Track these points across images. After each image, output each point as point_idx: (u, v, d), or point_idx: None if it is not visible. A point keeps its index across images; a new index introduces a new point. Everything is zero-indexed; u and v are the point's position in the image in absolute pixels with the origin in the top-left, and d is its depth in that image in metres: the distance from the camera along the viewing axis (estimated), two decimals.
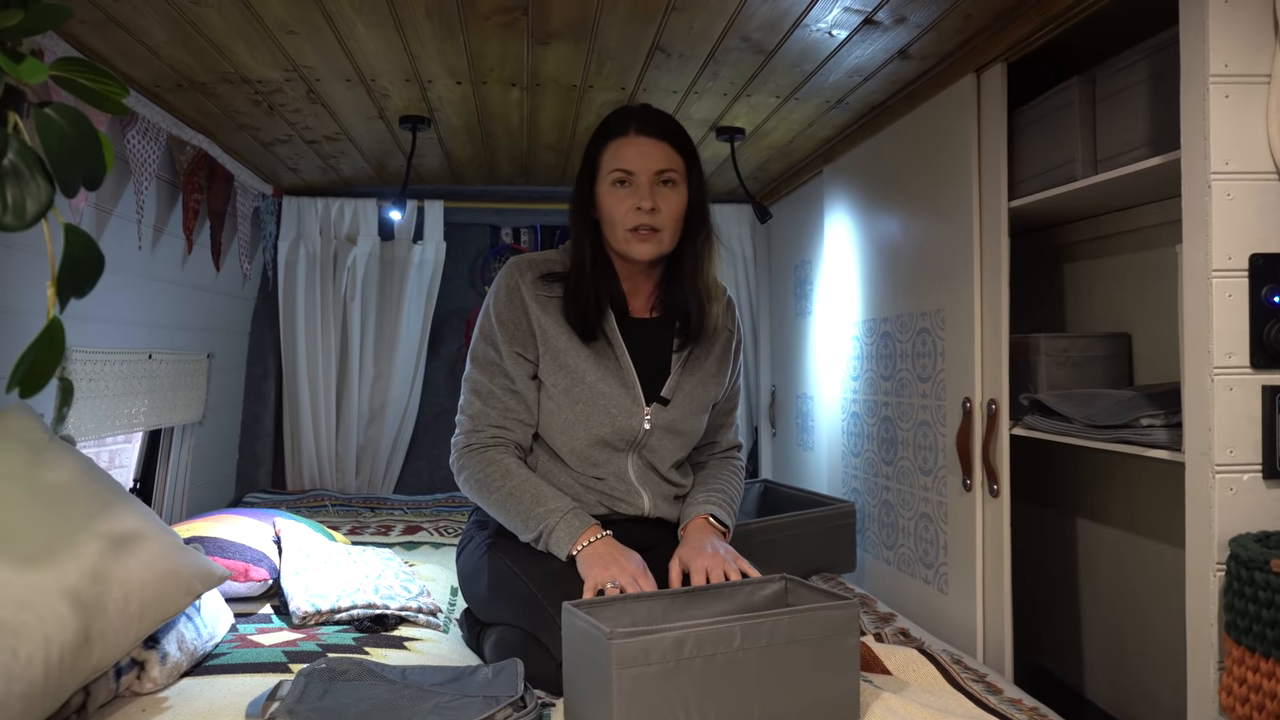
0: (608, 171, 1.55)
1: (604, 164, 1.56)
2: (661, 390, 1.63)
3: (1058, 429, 1.51)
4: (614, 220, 1.55)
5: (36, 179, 0.88)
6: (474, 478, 1.59)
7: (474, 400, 1.62)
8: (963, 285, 1.77)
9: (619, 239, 1.56)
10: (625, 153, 1.54)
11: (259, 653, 1.55)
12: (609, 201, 1.55)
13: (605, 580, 1.42)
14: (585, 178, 1.60)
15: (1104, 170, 1.45)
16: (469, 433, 1.63)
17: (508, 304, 1.60)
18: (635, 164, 1.54)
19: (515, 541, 1.71)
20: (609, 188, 1.55)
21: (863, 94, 2.03)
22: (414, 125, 2.28)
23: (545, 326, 1.60)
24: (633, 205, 1.54)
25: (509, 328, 1.59)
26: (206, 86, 1.97)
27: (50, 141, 0.89)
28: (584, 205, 1.59)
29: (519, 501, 1.53)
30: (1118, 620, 1.89)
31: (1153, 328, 1.72)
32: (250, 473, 3.12)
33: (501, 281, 1.64)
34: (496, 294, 1.63)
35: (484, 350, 1.62)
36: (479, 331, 1.64)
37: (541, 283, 1.61)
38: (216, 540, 1.92)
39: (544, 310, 1.60)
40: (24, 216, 0.86)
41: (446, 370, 3.40)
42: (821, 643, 1.24)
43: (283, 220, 3.04)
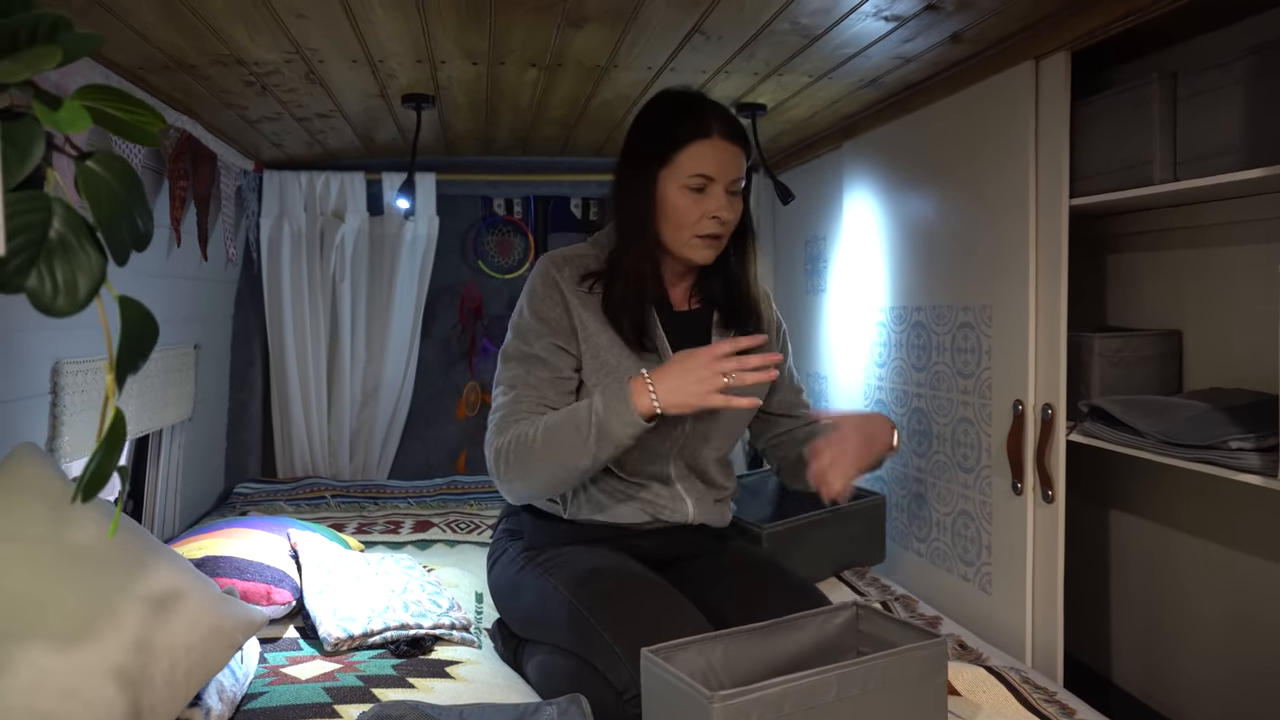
0: (688, 174, 1.44)
1: (683, 164, 1.45)
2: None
3: (1127, 441, 1.47)
4: (683, 223, 1.46)
5: (87, 250, 0.75)
6: (510, 453, 1.44)
7: (508, 393, 1.52)
8: (1014, 283, 1.71)
9: (682, 241, 1.48)
10: (709, 157, 1.44)
11: (299, 691, 1.47)
12: (682, 203, 1.45)
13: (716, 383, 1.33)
14: (649, 172, 1.47)
15: (1185, 174, 1.39)
16: (500, 422, 1.49)
17: (546, 300, 1.51)
18: (717, 170, 1.45)
19: (555, 556, 1.64)
20: (683, 190, 1.45)
21: (901, 75, 1.93)
22: (418, 104, 2.12)
23: (587, 324, 1.51)
24: (708, 212, 1.45)
25: (549, 323, 1.50)
26: (196, 69, 1.79)
27: (98, 202, 0.76)
28: (646, 202, 1.47)
29: (557, 429, 1.39)
30: (1151, 610, 1.89)
31: (1205, 327, 1.68)
32: (239, 462, 3.00)
33: (537, 279, 1.54)
34: (533, 292, 1.53)
35: (518, 347, 1.52)
36: (513, 330, 1.54)
37: (580, 279, 1.52)
38: (233, 560, 1.81)
39: (584, 307, 1.51)
40: (77, 297, 0.74)
41: (440, 349, 3.28)
42: (913, 683, 1.20)
43: (264, 196, 2.86)
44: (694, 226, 1.46)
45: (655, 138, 1.48)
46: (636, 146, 1.52)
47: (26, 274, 0.72)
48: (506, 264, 3.25)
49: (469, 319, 3.23)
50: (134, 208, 0.81)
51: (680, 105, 1.49)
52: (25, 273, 0.72)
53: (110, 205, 0.78)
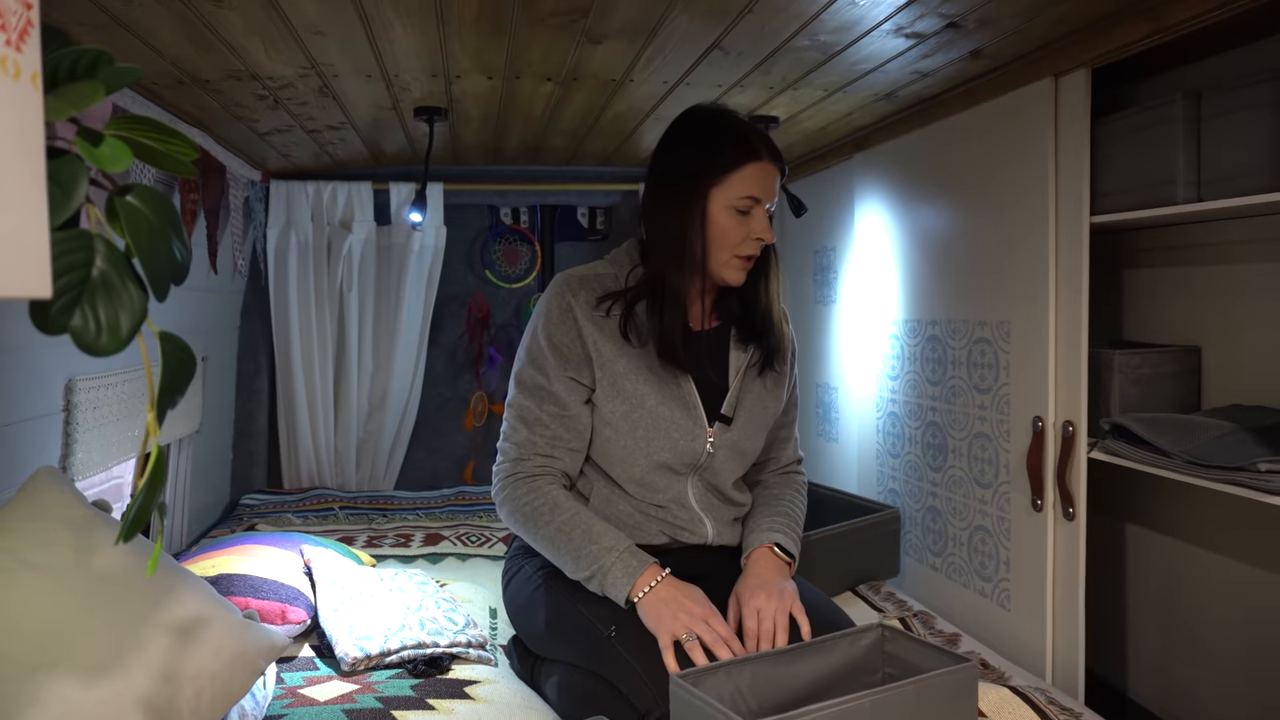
0: (738, 195, 1.43)
1: (734, 185, 1.43)
2: (721, 407, 1.55)
3: (1151, 460, 1.46)
4: (726, 244, 1.45)
5: (129, 287, 0.74)
6: (520, 510, 1.49)
7: (519, 428, 1.51)
8: (1034, 299, 1.71)
9: (722, 262, 1.47)
10: (757, 179, 1.43)
11: (318, 714, 1.46)
12: (726, 224, 1.44)
13: (680, 632, 1.34)
14: (698, 190, 1.44)
15: (1209, 194, 1.38)
16: (514, 461, 1.52)
17: (560, 327, 1.49)
18: (764, 193, 1.44)
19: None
20: (729, 210, 1.44)
21: (916, 89, 1.93)
22: (430, 117, 2.11)
23: (602, 350, 1.49)
24: (751, 234, 1.44)
25: (562, 351, 1.48)
26: (210, 84, 1.78)
27: (139, 237, 0.75)
28: (692, 220, 1.45)
29: (569, 538, 1.44)
30: (1168, 626, 1.89)
31: (1225, 343, 1.67)
32: (245, 473, 2.98)
33: (551, 302, 1.52)
34: (547, 315, 1.51)
35: (531, 375, 1.51)
36: (526, 354, 1.53)
37: (596, 303, 1.50)
38: (247, 578, 1.80)
39: (600, 332, 1.49)
40: (120, 336, 0.72)
41: (447, 359, 3.27)
42: (944, 706, 1.19)
43: (271, 206, 2.84)
44: (736, 247, 1.45)
45: (704, 156, 1.45)
46: (681, 163, 1.48)
47: (71, 314, 0.71)
48: (513, 273, 3.24)
49: (476, 328, 3.22)
50: (172, 240, 0.80)
51: (729, 126, 1.47)
52: (70, 313, 0.71)
53: (151, 240, 0.77)
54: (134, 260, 0.76)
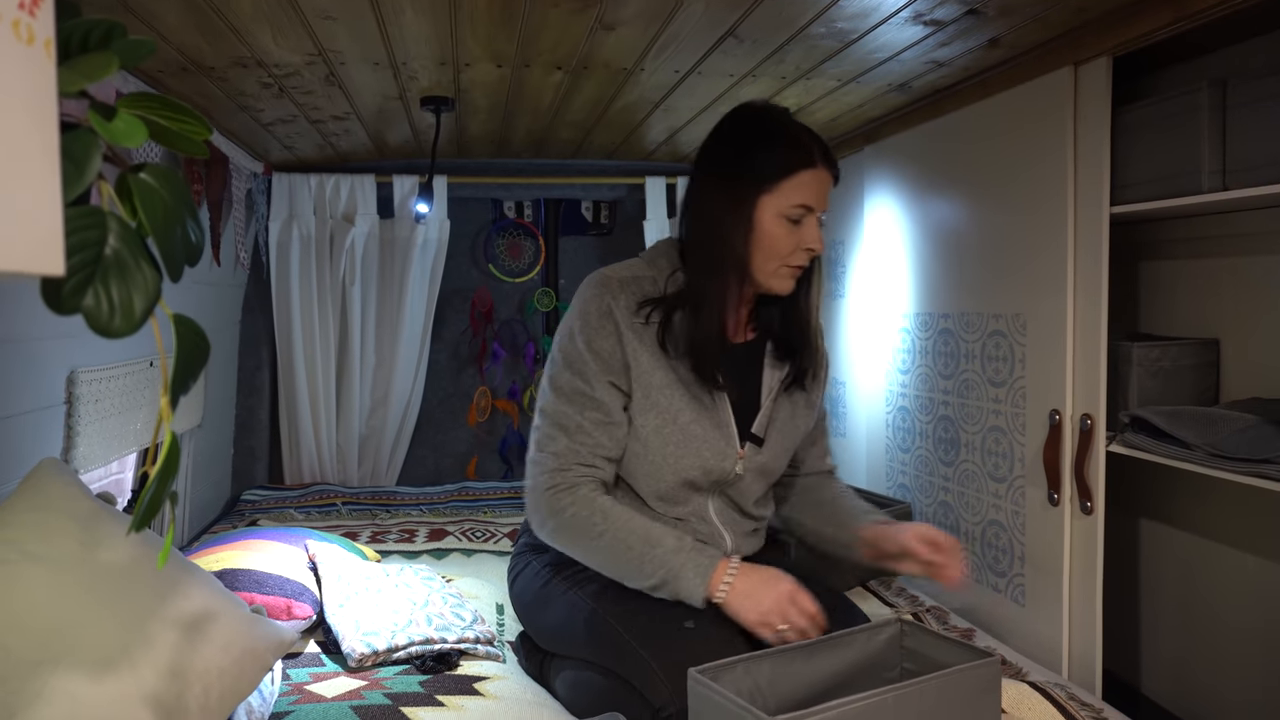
0: (791, 203, 1.37)
1: (787, 192, 1.37)
2: (752, 426, 1.50)
3: (1173, 453, 1.44)
4: (775, 254, 1.39)
5: (142, 267, 0.72)
6: (567, 524, 1.43)
7: (559, 435, 1.44)
8: (1051, 291, 1.69)
9: (770, 271, 1.40)
10: (812, 187, 1.38)
11: (326, 711, 1.43)
12: (778, 232, 1.38)
13: (775, 620, 1.31)
14: (749, 196, 1.38)
15: (1234, 183, 1.36)
16: (553, 471, 1.45)
17: (600, 331, 1.42)
18: (818, 201, 1.38)
19: (580, 568, 1.61)
20: (780, 219, 1.38)
21: (931, 79, 1.90)
22: (437, 107, 2.08)
23: (641, 360, 1.43)
24: (802, 244, 1.38)
25: (603, 358, 1.42)
26: (215, 71, 1.75)
27: (154, 216, 0.73)
28: (742, 228, 1.38)
29: (627, 546, 1.38)
30: (1184, 621, 1.87)
31: (1244, 335, 1.65)
32: (246, 469, 2.95)
33: (591, 305, 1.44)
34: (585, 318, 1.44)
35: (570, 380, 1.44)
36: (563, 358, 1.45)
37: (636, 308, 1.43)
38: (251, 573, 1.77)
39: (640, 340, 1.43)
40: (134, 317, 0.70)
41: (450, 353, 3.24)
42: (968, 702, 1.17)
43: (273, 199, 2.81)
44: (787, 257, 1.39)
45: (757, 160, 1.38)
46: (730, 166, 1.41)
47: (83, 294, 0.68)
48: (517, 267, 3.21)
49: (480, 323, 3.19)
50: (186, 220, 0.78)
51: (783, 127, 1.41)
52: (82, 293, 0.68)
53: (165, 219, 0.74)
54: (147, 240, 0.74)
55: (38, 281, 0.63)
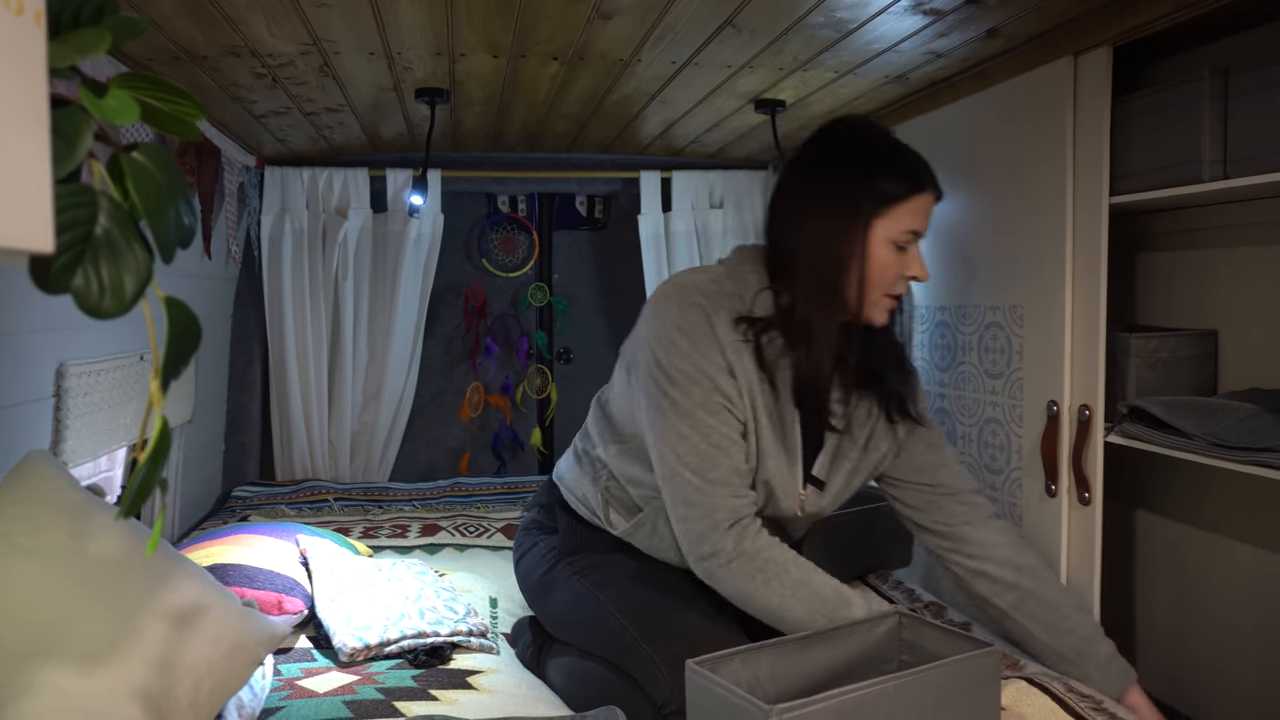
0: (902, 229, 1.32)
1: (900, 218, 1.31)
2: (813, 466, 1.43)
3: (1172, 443, 1.44)
4: (880, 282, 1.33)
5: (134, 247, 0.70)
6: (761, 566, 1.32)
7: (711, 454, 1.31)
8: (1049, 283, 1.68)
9: (872, 301, 1.34)
10: (921, 213, 1.34)
11: (318, 706, 1.42)
12: (885, 260, 1.32)
13: None
14: (862, 219, 1.31)
15: (1236, 172, 1.36)
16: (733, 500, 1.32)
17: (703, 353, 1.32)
18: (924, 227, 1.34)
19: (589, 555, 1.59)
20: (889, 245, 1.32)
21: (929, 71, 1.90)
22: (432, 98, 2.06)
23: (749, 380, 1.35)
24: (906, 272, 1.34)
25: (718, 382, 1.33)
26: (207, 60, 1.73)
27: (147, 196, 0.71)
28: (850, 256, 1.31)
29: (823, 599, 1.32)
30: (1179, 612, 1.86)
31: (1242, 326, 1.65)
32: (238, 465, 2.93)
33: (692, 324, 1.33)
34: (691, 338, 1.32)
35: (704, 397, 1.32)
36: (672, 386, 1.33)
37: (734, 325, 1.36)
38: (242, 568, 1.75)
39: (740, 359, 1.35)
40: (124, 299, 0.68)
41: (443, 349, 3.22)
42: (968, 692, 1.16)
43: (266, 193, 2.78)
44: (892, 285, 1.34)
45: (869, 182, 1.32)
46: (840, 186, 1.33)
47: (73, 273, 0.67)
48: (511, 262, 3.19)
49: (473, 318, 3.17)
50: (179, 202, 0.76)
51: (895, 149, 1.36)
52: (71, 272, 0.67)
53: (158, 200, 0.72)
54: (139, 222, 0.72)
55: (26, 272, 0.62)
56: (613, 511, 1.53)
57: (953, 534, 1.50)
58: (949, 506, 1.51)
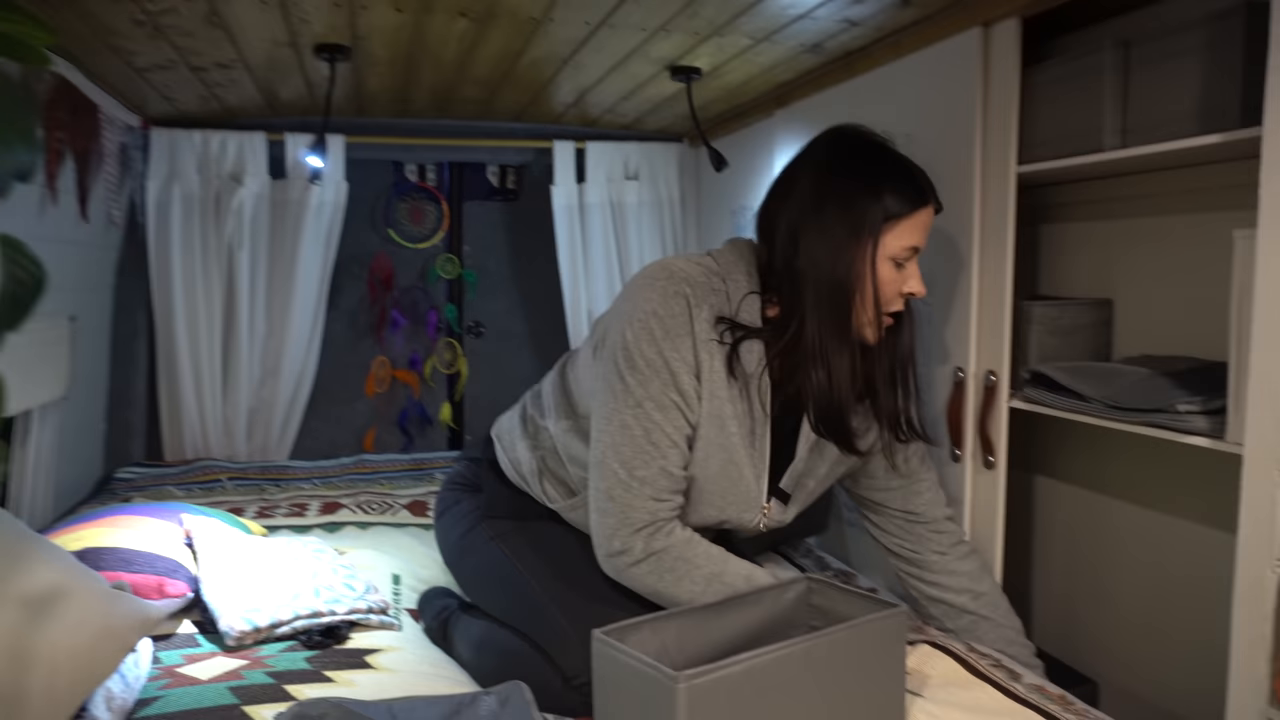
0: (904, 245, 1.29)
1: (903, 233, 1.29)
2: (781, 480, 1.41)
3: (1072, 406, 1.47)
4: (879, 300, 1.30)
5: None
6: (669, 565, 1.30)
7: (649, 451, 1.28)
8: (957, 251, 1.70)
9: (869, 319, 1.30)
10: (923, 228, 1.32)
11: (200, 693, 1.32)
12: (887, 276, 1.30)
13: None
14: (870, 233, 1.28)
15: (1134, 141, 1.38)
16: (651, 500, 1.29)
17: (674, 344, 1.28)
18: (924, 242, 1.32)
19: (511, 519, 1.54)
20: (889, 262, 1.29)
21: (843, 40, 1.89)
22: (332, 56, 1.95)
23: (714, 383, 1.31)
24: (904, 289, 1.31)
25: (679, 379, 1.29)
26: (80, 3, 1.58)
27: None
28: (860, 273, 1.28)
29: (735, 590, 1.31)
30: (1073, 572, 1.92)
31: (1136, 295, 1.70)
32: (121, 445, 2.74)
33: (668, 311, 1.28)
34: (663, 323, 1.28)
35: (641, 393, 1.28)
36: (630, 368, 1.29)
37: (715, 323, 1.31)
38: (117, 551, 1.63)
39: (711, 360, 1.31)
40: None
41: (347, 322, 3.10)
42: (875, 653, 1.17)
43: (151, 156, 2.61)
44: (888, 303, 1.32)
45: (874, 194, 1.28)
46: (846, 199, 1.29)
47: None
48: (419, 233, 3.09)
49: (379, 290, 3.06)
50: (15, 132, 0.67)
51: (898, 162, 1.33)
52: None
53: None
54: None
55: None
56: (547, 484, 1.49)
57: (919, 560, 1.54)
58: (921, 534, 1.55)
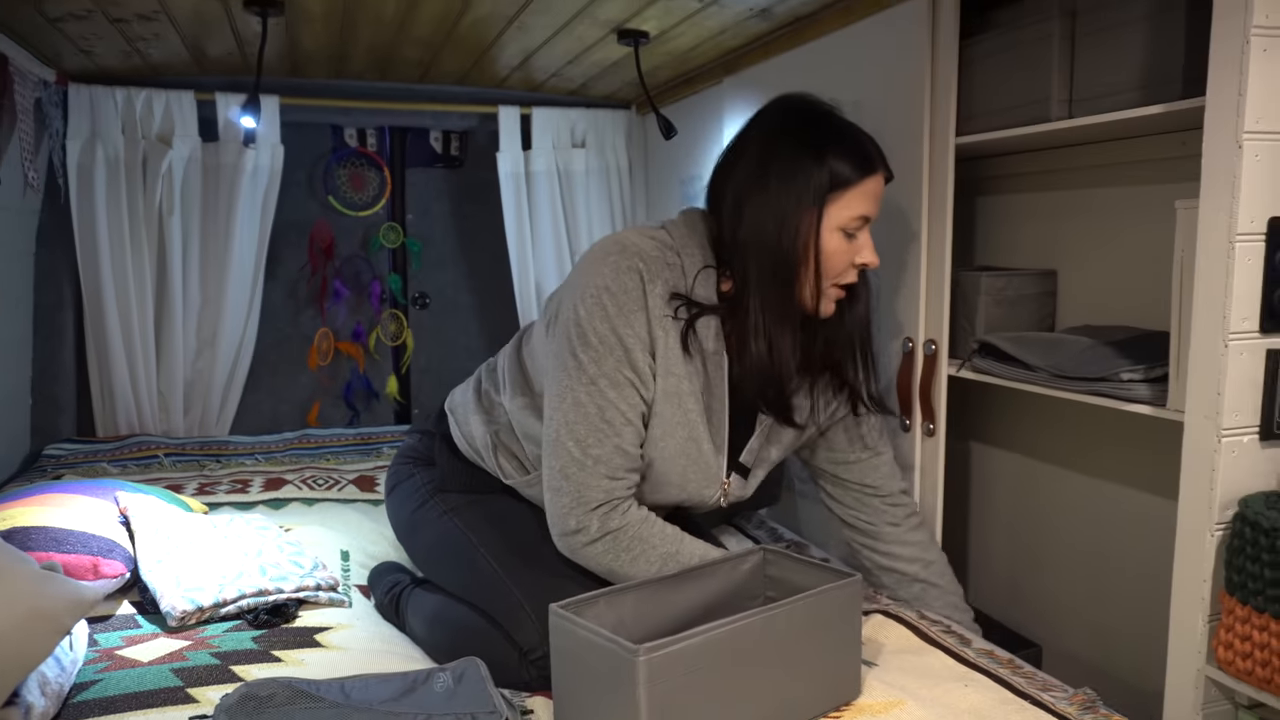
0: (852, 214, 1.26)
1: (850, 203, 1.26)
2: (741, 454, 1.40)
3: (1018, 375, 1.49)
4: (830, 271, 1.28)
5: None
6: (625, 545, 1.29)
7: (604, 431, 1.26)
8: (906, 222, 1.70)
9: (819, 291, 1.29)
10: (874, 197, 1.28)
11: (141, 675, 1.28)
12: (835, 247, 1.27)
13: None
14: (815, 203, 1.25)
15: (1080, 111, 1.40)
16: (607, 480, 1.27)
17: (627, 320, 1.25)
18: (875, 211, 1.28)
19: (465, 494, 1.51)
20: (838, 232, 1.26)
21: (793, 5, 1.87)
22: (263, 10, 1.86)
23: (669, 360, 1.28)
24: (854, 260, 1.29)
25: (634, 356, 1.26)
26: None
27: None
28: (805, 245, 1.25)
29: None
30: (1014, 538, 1.98)
31: (1078, 266, 1.73)
32: (49, 421, 2.63)
33: (622, 288, 1.25)
34: (617, 300, 1.25)
35: (595, 371, 1.26)
36: (582, 344, 1.26)
37: (669, 299, 1.28)
38: (47, 531, 1.56)
39: (666, 336, 1.28)
40: None
41: (287, 292, 3.00)
42: (831, 622, 1.18)
43: (70, 115, 2.47)
44: (839, 275, 1.29)
45: (819, 163, 1.25)
46: (790, 169, 1.26)
47: None
48: (360, 200, 2.99)
49: (319, 259, 2.97)
50: None
51: (845, 129, 1.30)
52: None
53: None
54: None
55: None
56: (502, 458, 1.47)
57: (874, 532, 1.56)
58: (877, 506, 1.56)
